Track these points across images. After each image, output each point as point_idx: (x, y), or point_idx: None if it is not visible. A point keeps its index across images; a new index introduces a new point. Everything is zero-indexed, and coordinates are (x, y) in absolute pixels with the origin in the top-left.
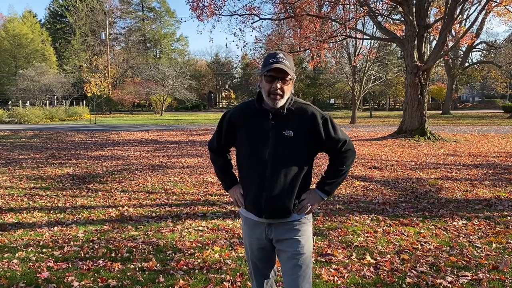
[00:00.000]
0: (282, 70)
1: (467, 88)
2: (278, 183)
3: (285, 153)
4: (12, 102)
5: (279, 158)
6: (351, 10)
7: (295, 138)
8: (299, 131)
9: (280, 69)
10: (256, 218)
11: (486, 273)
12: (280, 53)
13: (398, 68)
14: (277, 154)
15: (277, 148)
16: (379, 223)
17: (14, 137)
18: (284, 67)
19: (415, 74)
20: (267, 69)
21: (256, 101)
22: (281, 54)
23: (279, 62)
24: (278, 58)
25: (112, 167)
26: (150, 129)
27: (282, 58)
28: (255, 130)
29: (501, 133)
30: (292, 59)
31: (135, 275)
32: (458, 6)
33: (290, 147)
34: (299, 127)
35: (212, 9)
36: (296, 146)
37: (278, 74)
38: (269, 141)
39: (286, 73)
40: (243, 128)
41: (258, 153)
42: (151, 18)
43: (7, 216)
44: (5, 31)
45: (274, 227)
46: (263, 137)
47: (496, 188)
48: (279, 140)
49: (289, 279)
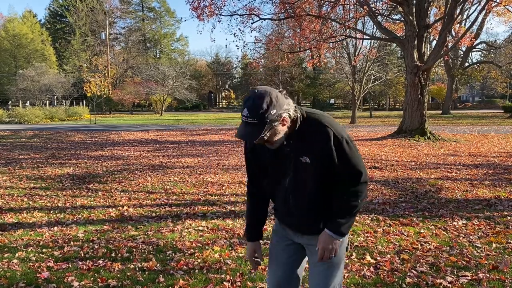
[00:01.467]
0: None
1: (467, 88)
2: (303, 209)
3: (305, 179)
4: (12, 102)
5: (300, 185)
6: (351, 10)
7: (312, 164)
8: (315, 156)
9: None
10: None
11: (486, 273)
12: (245, 108)
13: (398, 68)
14: (297, 181)
15: (298, 175)
16: (379, 223)
17: (14, 137)
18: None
19: (415, 74)
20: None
21: None
22: (246, 111)
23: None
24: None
25: (112, 167)
26: (150, 129)
27: (247, 118)
28: (273, 156)
29: (501, 133)
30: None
31: (135, 275)
32: (458, 6)
33: (308, 174)
34: (314, 151)
35: (212, 9)
36: (314, 172)
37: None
38: (288, 169)
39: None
40: (262, 152)
41: (278, 180)
42: (151, 18)
43: (7, 216)
44: (5, 31)
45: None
46: (281, 164)
47: (496, 188)
48: (298, 167)
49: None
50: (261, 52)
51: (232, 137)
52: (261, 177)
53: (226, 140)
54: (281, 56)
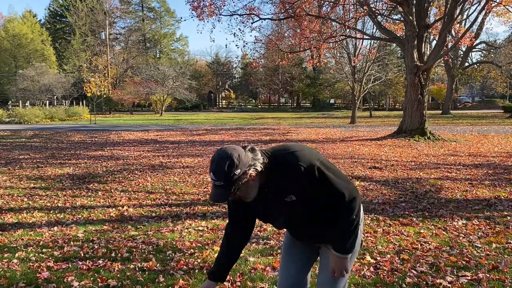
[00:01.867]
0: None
1: (467, 88)
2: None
3: (297, 213)
4: (12, 102)
5: (297, 219)
6: (350, 10)
7: (298, 200)
8: (297, 193)
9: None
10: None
11: (486, 273)
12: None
13: (398, 68)
14: (291, 218)
15: (290, 213)
16: (379, 223)
17: (14, 137)
18: (215, 201)
19: (415, 74)
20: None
21: None
22: (212, 175)
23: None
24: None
25: (112, 167)
26: (150, 129)
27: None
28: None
29: (501, 133)
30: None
31: (135, 275)
32: (458, 6)
33: (298, 208)
34: (296, 189)
35: (212, 8)
36: (302, 206)
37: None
38: (277, 210)
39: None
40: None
41: (272, 219)
42: (151, 18)
43: (7, 216)
44: (5, 31)
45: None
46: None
47: (496, 188)
48: (285, 207)
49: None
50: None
51: (232, 137)
52: (243, 221)
53: (226, 140)
54: (281, 56)
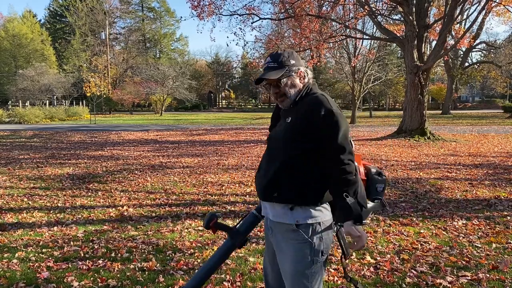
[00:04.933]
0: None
1: (467, 88)
2: (269, 163)
3: (279, 137)
4: (12, 102)
5: (274, 142)
6: (351, 10)
7: (290, 123)
8: (296, 117)
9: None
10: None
11: (486, 273)
12: (268, 57)
13: (398, 68)
14: (275, 137)
15: (277, 133)
16: (379, 223)
17: (13, 137)
18: (266, 77)
19: (415, 74)
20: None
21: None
22: (269, 58)
23: (264, 71)
24: (266, 64)
25: (112, 167)
26: (149, 129)
27: (268, 63)
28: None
29: (501, 133)
30: (289, 52)
31: (135, 275)
32: (458, 6)
33: (285, 132)
34: (297, 114)
35: (212, 8)
36: (289, 132)
37: (269, 81)
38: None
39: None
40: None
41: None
42: (151, 18)
43: (7, 216)
44: (5, 31)
45: (272, 235)
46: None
47: (496, 188)
48: (282, 125)
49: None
50: (261, 52)
51: (232, 137)
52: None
53: (226, 140)
54: None
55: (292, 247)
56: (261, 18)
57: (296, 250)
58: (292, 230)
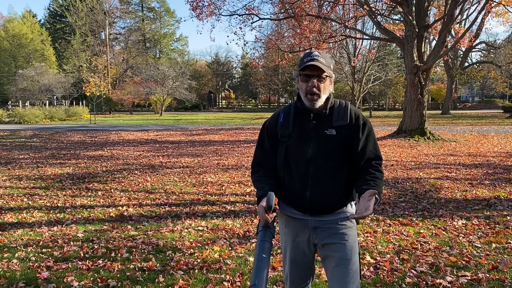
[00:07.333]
0: (316, 67)
1: (466, 88)
2: (322, 181)
3: (328, 151)
4: (12, 102)
5: (323, 157)
6: (350, 10)
7: (337, 136)
8: (340, 129)
9: (314, 66)
10: (299, 216)
11: (486, 273)
12: (315, 51)
13: (398, 68)
14: (320, 152)
15: (320, 146)
16: (379, 223)
17: (13, 137)
18: (318, 64)
19: (414, 74)
20: (302, 67)
21: (297, 102)
22: (316, 52)
23: (313, 60)
24: (313, 56)
25: (112, 167)
26: (149, 129)
27: (317, 56)
28: (297, 130)
29: (501, 133)
30: (329, 57)
31: (135, 275)
32: (458, 6)
33: (332, 146)
34: (341, 125)
35: (211, 9)
36: (337, 144)
37: (313, 72)
38: (311, 140)
39: (321, 70)
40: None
41: (300, 152)
42: (151, 18)
43: (7, 216)
44: (4, 31)
45: (320, 231)
46: (305, 136)
47: (495, 188)
48: (322, 138)
49: (336, 285)
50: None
51: (232, 137)
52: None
53: (225, 140)
54: (281, 56)
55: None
56: (261, 18)
57: (352, 235)
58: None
